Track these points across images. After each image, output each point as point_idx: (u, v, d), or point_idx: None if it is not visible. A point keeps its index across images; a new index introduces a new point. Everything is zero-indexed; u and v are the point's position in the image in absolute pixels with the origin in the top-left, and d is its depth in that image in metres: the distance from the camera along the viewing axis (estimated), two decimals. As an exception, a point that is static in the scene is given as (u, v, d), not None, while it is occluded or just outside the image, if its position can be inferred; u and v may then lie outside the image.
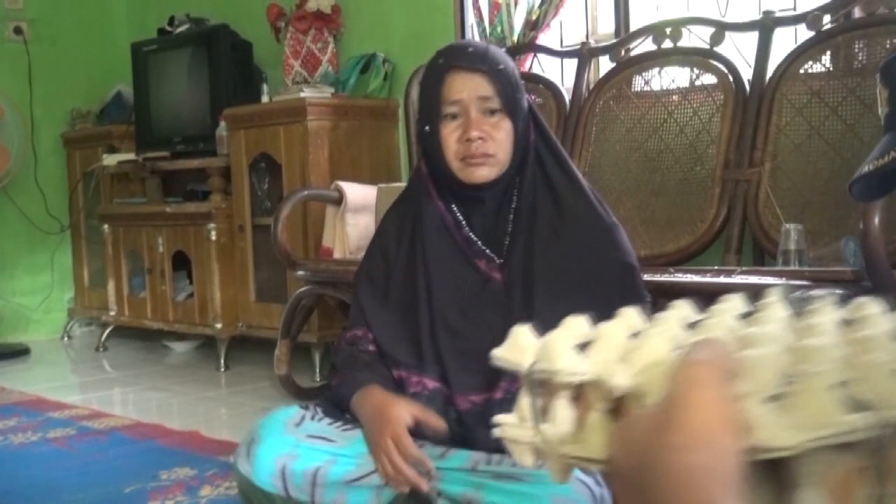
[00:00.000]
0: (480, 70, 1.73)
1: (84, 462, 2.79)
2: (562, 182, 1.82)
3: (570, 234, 1.78)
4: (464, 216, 1.83)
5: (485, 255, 1.81)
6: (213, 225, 4.30)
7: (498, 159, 1.75)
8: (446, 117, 1.75)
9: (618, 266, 1.79)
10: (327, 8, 4.28)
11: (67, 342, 5.34)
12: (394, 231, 1.90)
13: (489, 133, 1.73)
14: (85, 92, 5.45)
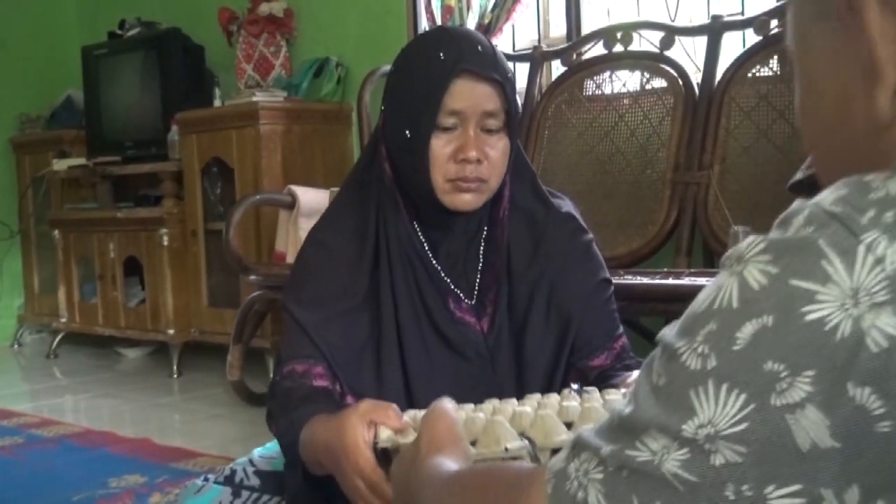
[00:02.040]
0: (492, 79, 1.44)
1: (32, 471, 2.76)
2: (537, 207, 1.60)
3: (548, 263, 1.57)
4: (427, 241, 1.56)
5: (451, 292, 1.56)
6: (165, 230, 4.28)
7: (489, 185, 1.49)
8: (440, 127, 1.45)
9: (604, 285, 1.63)
10: (280, 12, 4.27)
11: (17, 349, 5.28)
12: (343, 241, 1.57)
13: (487, 154, 1.46)
14: (34, 96, 5.39)
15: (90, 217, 4.71)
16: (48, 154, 5.05)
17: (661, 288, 2.38)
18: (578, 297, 1.57)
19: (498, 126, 1.47)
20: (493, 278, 1.57)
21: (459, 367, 1.55)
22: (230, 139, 4.02)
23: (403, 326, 1.53)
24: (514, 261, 1.58)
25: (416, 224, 1.55)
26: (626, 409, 0.62)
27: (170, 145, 4.33)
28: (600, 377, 1.53)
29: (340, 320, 1.53)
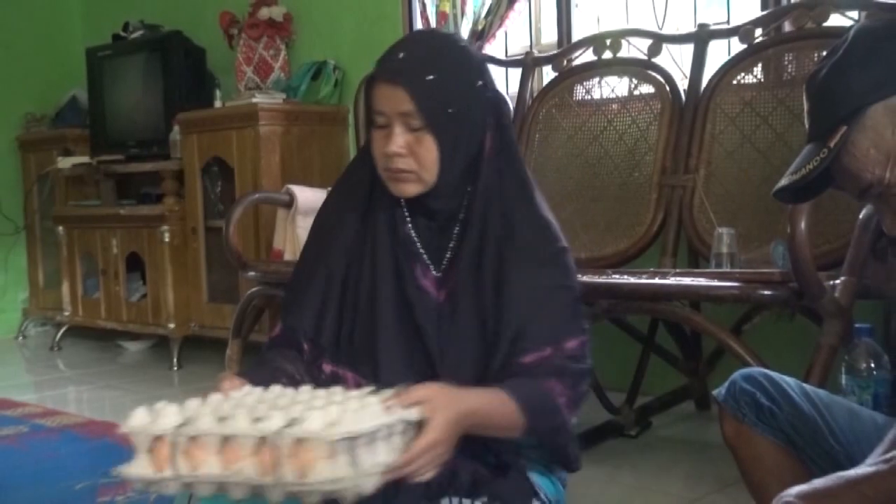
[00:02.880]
0: (400, 84, 1.53)
1: (35, 460, 2.75)
2: (516, 202, 1.64)
3: (518, 258, 1.60)
4: (409, 213, 1.66)
5: (421, 259, 1.65)
6: (166, 227, 4.27)
7: (420, 177, 1.57)
8: (376, 125, 1.58)
9: (560, 290, 1.62)
10: (279, 16, 4.27)
11: (22, 342, 5.26)
12: (338, 213, 1.73)
13: (411, 149, 1.55)
14: (40, 96, 5.37)
15: (93, 214, 4.70)
16: (53, 152, 5.04)
17: (647, 287, 2.38)
18: (529, 296, 1.58)
19: (419, 125, 1.54)
20: (460, 257, 1.63)
21: (410, 326, 1.63)
22: (230, 139, 4.01)
23: (377, 286, 1.64)
24: (486, 247, 1.62)
25: (402, 200, 1.64)
26: None
27: (171, 145, 4.33)
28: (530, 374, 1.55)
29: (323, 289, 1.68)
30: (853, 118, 1.25)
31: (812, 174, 1.28)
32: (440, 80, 1.55)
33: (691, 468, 2.53)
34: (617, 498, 2.32)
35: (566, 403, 1.54)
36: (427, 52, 1.58)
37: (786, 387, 1.55)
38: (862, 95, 1.24)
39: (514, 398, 1.46)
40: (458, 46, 1.63)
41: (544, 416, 1.51)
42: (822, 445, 1.51)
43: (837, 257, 2.28)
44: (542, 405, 1.51)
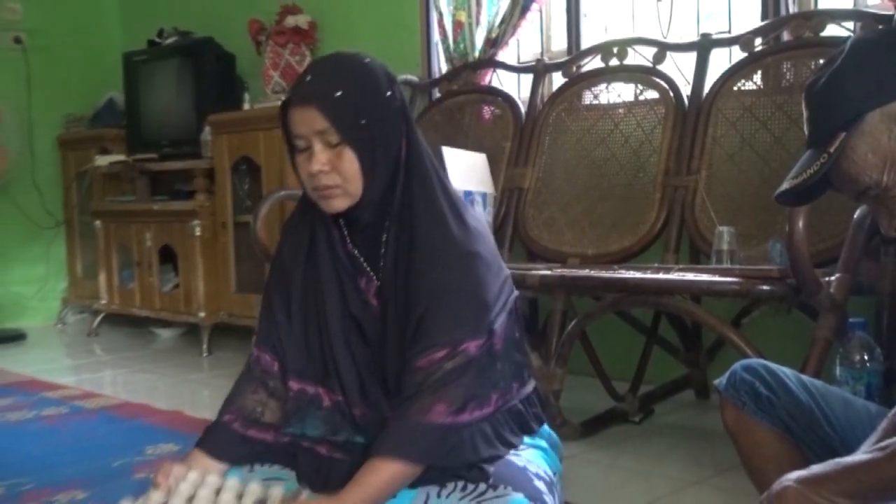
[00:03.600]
0: (312, 104, 1.53)
1: (75, 439, 2.76)
2: (425, 205, 1.61)
3: (420, 263, 1.58)
4: (347, 231, 1.67)
5: (366, 272, 1.66)
6: (197, 222, 4.28)
7: (346, 190, 1.56)
8: (298, 150, 1.58)
9: (459, 291, 1.56)
10: (304, 24, 4.27)
11: (61, 328, 5.29)
12: (289, 248, 1.74)
13: (334, 164, 1.54)
14: (79, 98, 5.39)
15: (129, 209, 4.71)
16: (91, 151, 5.05)
17: (651, 282, 2.38)
18: (428, 299, 1.56)
19: (336, 140, 1.54)
20: (392, 263, 1.63)
21: (355, 343, 1.66)
22: (258, 139, 4.01)
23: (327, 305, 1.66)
24: (401, 253, 1.62)
25: (340, 220, 1.66)
26: None
27: (202, 144, 4.33)
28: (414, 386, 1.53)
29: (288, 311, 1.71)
30: (851, 124, 1.24)
31: (812, 178, 1.27)
32: (348, 94, 1.55)
33: (691, 453, 2.52)
34: (620, 481, 2.32)
35: (451, 417, 1.50)
36: (332, 72, 1.58)
37: (784, 377, 1.54)
38: (860, 103, 1.24)
39: (396, 456, 1.47)
40: (362, 63, 1.63)
41: (434, 448, 1.49)
42: (818, 433, 1.51)
43: (832, 255, 2.28)
44: (425, 441, 1.48)
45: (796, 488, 1.17)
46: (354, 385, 1.65)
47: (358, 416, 1.64)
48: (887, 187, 1.24)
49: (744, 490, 1.74)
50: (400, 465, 1.47)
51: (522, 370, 1.71)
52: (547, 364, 2.58)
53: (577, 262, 2.98)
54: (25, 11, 5.27)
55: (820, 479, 1.17)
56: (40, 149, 5.30)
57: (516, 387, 1.66)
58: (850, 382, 1.90)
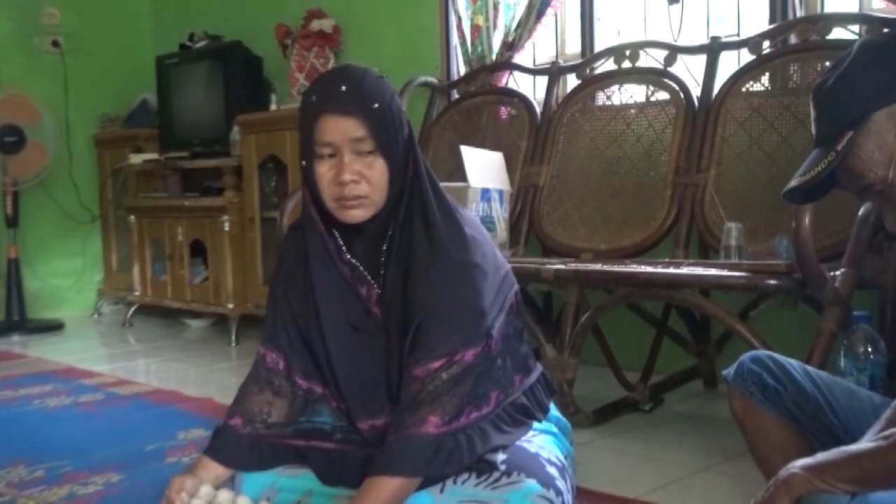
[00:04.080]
0: (350, 113, 1.49)
1: (110, 424, 2.77)
2: (420, 222, 1.58)
3: (419, 273, 1.56)
4: (344, 242, 1.62)
5: (366, 281, 1.62)
6: (226, 217, 4.29)
7: (372, 200, 1.53)
8: (321, 157, 1.53)
9: (454, 303, 1.54)
10: (328, 28, 4.27)
11: (97, 318, 5.32)
12: (290, 258, 1.69)
13: (363, 174, 1.51)
14: (114, 99, 5.41)
15: (161, 205, 4.73)
16: (126, 149, 5.08)
17: (661, 276, 2.37)
18: (426, 310, 1.53)
19: (370, 149, 1.51)
20: (395, 271, 1.60)
21: (365, 346, 1.62)
22: (284, 139, 4.02)
23: (323, 319, 1.62)
24: (401, 262, 1.59)
25: (335, 231, 1.62)
26: None
27: (231, 143, 4.35)
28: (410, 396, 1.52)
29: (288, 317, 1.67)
30: (858, 124, 1.23)
31: (820, 176, 1.26)
32: (382, 106, 1.52)
33: (699, 441, 2.51)
34: (631, 466, 2.31)
35: (446, 427, 1.48)
36: (365, 85, 1.54)
37: (790, 368, 1.54)
38: (867, 102, 1.23)
39: (394, 473, 1.45)
40: (382, 79, 1.59)
41: (429, 461, 1.47)
42: (822, 422, 1.50)
43: (838, 250, 2.26)
44: (421, 455, 1.47)
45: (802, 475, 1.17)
46: (357, 400, 1.61)
47: (364, 430, 1.61)
48: (892, 184, 1.23)
49: (750, 476, 1.73)
50: (399, 480, 1.45)
51: (526, 360, 1.69)
52: (561, 354, 2.58)
53: (591, 257, 2.97)
54: (63, 17, 5.30)
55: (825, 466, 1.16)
56: (77, 147, 5.33)
57: (518, 379, 1.65)
58: (853, 373, 1.89)
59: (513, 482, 1.50)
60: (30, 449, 2.46)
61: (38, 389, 3.26)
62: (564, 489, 1.54)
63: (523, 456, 1.56)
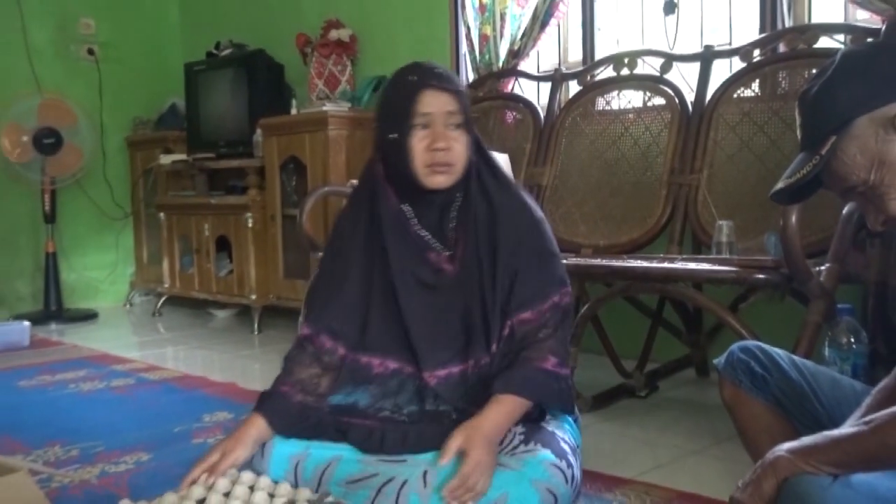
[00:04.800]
0: (449, 90, 1.63)
1: (141, 407, 2.79)
2: (494, 187, 1.72)
3: (503, 229, 1.69)
4: (414, 214, 1.72)
5: (433, 248, 1.71)
6: (249, 214, 4.30)
7: (456, 168, 1.66)
8: (415, 128, 1.62)
9: (542, 253, 1.70)
10: (346, 37, 4.27)
11: (129, 308, 5.34)
12: (349, 231, 1.76)
13: (451, 145, 1.63)
14: (145, 103, 5.42)
15: (189, 202, 4.74)
16: (156, 150, 5.09)
17: (657, 270, 2.37)
18: (516, 257, 1.67)
19: (458, 123, 1.64)
20: (462, 233, 1.70)
21: (437, 301, 1.70)
22: (304, 141, 4.03)
23: (396, 276, 1.69)
24: (479, 223, 1.70)
25: (404, 205, 1.71)
26: None
27: (255, 145, 4.35)
28: (523, 337, 1.64)
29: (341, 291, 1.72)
30: (842, 129, 1.22)
31: (805, 178, 1.26)
32: (464, 91, 1.68)
33: (692, 425, 2.51)
34: (627, 450, 2.31)
35: (559, 366, 1.63)
36: (449, 72, 1.70)
37: (777, 357, 1.53)
38: (849, 109, 1.22)
39: (520, 393, 1.58)
40: None
41: (546, 391, 1.61)
42: (807, 408, 1.50)
43: (823, 247, 2.25)
44: (542, 384, 1.61)
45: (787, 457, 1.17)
46: (429, 351, 1.67)
47: (433, 382, 1.66)
48: (874, 185, 1.23)
49: (739, 459, 1.73)
50: (521, 400, 1.58)
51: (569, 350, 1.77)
52: (562, 344, 2.58)
53: (591, 252, 2.97)
54: (98, 27, 5.31)
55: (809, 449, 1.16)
56: (111, 149, 5.35)
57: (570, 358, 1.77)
58: (837, 363, 1.88)
59: (529, 450, 1.56)
60: (65, 430, 2.48)
61: (73, 374, 3.28)
62: (575, 465, 1.57)
63: (540, 431, 1.62)
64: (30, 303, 5.04)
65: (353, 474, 1.56)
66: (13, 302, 5.03)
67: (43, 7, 5.11)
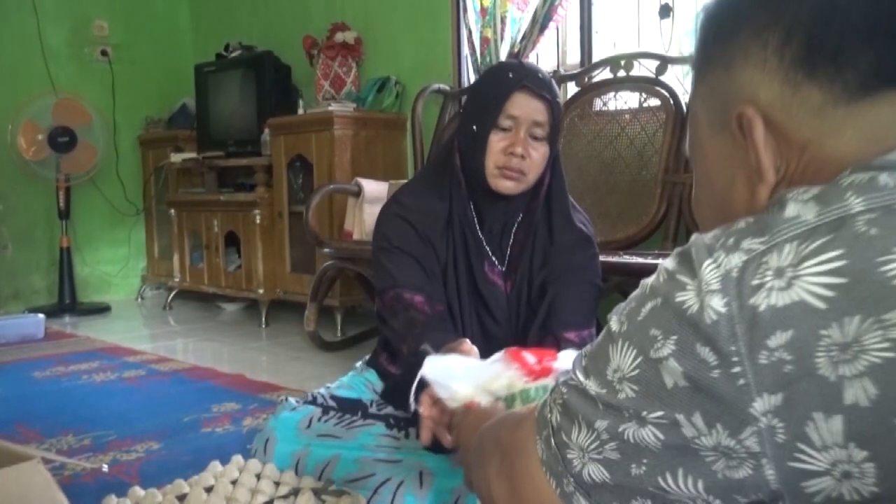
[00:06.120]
0: (544, 97, 1.52)
1: (151, 397, 2.78)
2: (559, 214, 1.64)
3: (557, 260, 1.62)
4: (477, 216, 1.64)
5: (489, 257, 1.64)
6: (257, 211, 4.29)
7: (527, 178, 1.56)
8: (499, 126, 1.53)
9: (592, 288, 1.64)
10: (351, 40, 4.26)
11: (140, 302, 5.34)
12: (423, 210, 1.63)
13: (530, 153, 1.54)
14: (157, 103, 5.42)
15: (199, 199, 4.74)
16: (167, 149, 5.08)
17: (652, 266, 2.34)
18: (567, 284, 1.59)
19: (543, 135, 1.54)
20: (519, 252, 1.62)
21: (485, 317, 1.64)
22: (310, 140, 4.02)
23: (459, 279, 1.63)
24: (538, 244, 1.62)
25: (471, 203, 1.62)
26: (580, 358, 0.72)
27: (263, 144, 4.35)
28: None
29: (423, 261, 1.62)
30: None
31: None
32: (559, 103, 1.57)
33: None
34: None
35: None
36: (551, 79, 1.57)
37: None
38: None
39: None
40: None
41: None
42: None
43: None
44: None
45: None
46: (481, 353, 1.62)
47: None
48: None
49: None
50: None
51: None
52: (560, 337, 2.57)
53: (587, 249, 2.96)
54: (112, 29, 5.31)
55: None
56: (123, 147, 5.34)
57: None
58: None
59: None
60: (78, 419, 2.47)
61: (86, 366, 3.28)
62: None
63: None
64: (45, 296, 5.05)
65: (351, 473, 1.55)
66: (29, 295, 5.03)
67: (58, 10, 5.10)
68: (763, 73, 0.67)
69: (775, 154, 0.67)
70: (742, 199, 0.71)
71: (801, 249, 0.58)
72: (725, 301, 0.59)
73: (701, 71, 0.75)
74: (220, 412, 2.54)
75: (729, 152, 0.71)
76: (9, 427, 2.38)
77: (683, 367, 0.60)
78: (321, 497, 1.48)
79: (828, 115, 0.65)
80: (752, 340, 0.58)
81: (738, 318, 0.58)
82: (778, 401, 0.57)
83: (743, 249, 0.60)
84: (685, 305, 0.61)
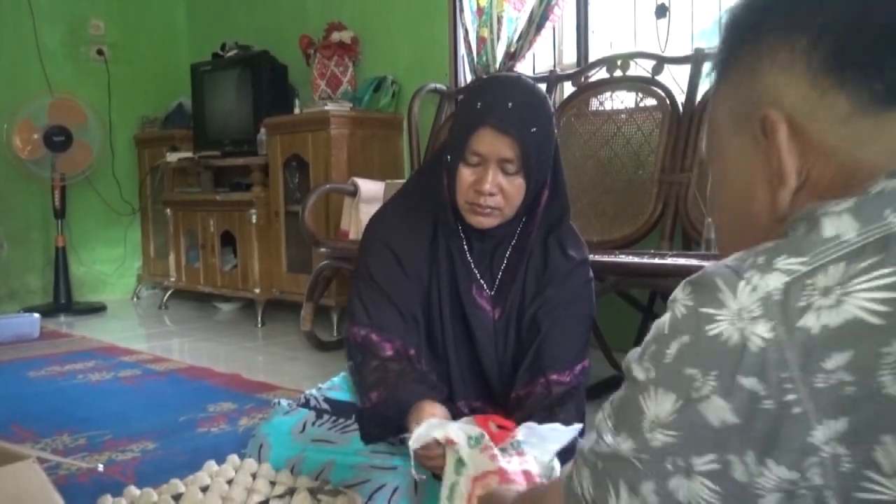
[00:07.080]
0: (509, 134, 1.42)
1: (147, 397, 2.78)
2: (554, 242, 1.58)
3: (552, 290, 1.55)
4: (466, 241, 1.58)
5: (477, 282, 1.58)
6: (253, 211, 4.29)
7: (503, 212, 1.49)
8: (466, 161, 1.47)
9: (584, 320, 1.59)
10: (348, 39, 4.26)
11: (136, 301, 5.32)
12: (407, 241, 1.58)
13: (502, 188, 1.46)
14: (153, 102, 5.41)
15: (195, 199, 4.73)
16: (163, 148, 5.07)
17: (648, 266, 2.36)
18: (558, 320, 1.54)
19: (514, 169, 1.46)
20: (510, 278, 1.57)
21: (469, 342, 1.59)
22: (306, 140, 4.01)
23: (442, 302, 1.57)
24: (530, 271, 1.57)
25: (459, 225, 1.56)
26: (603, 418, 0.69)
27: (259, 143, 4.34)
28: (557, 399, 1.50)
29: (399, 300, 1.57)
30: None
31: None
32: (540, 131, 1.45)
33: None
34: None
35: (580, 420, 1.49)
36: (530, 103, 1.46)
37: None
38: None
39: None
40: (545, 96, 1.51)
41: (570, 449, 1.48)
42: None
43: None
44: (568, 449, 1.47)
45: None
46: (461, 383, 1.60)
47: (466, 410, 1.58)
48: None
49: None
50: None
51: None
52: (556, 337, 2.57)
53: (584, 249, 2.96)
54: (108, 28, 5.30)
55: None
56: (119, 146, 5.33)
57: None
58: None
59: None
60: (74, 419, 2.47)
61: (82, 365, 3.27)
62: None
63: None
64: (40, 296, 5.03)
65: (346, 479, 1.53)
66: (24, 295, 5.02)
67: (54, 10, 5.09)
68: (790, 76, 0.65)
69: (798, 158, 0.65)
70: (761, 201, 0.68)
71: (850, 270, 0.55)
72: (771, 326, 0.56)
73: (724, 71, 0.72)
74: (216, 412, 2.53)
75: (749, 154, 0.69)
76: (4, 427, 2.37)
77: (730, 403, 0.57)
78: (317, 496, 1.48)
79: (855, 124, 0.63)
80: (806, 365, 0.54)
81: (786, 342, 0.55)
82: (842, 426, 0.54)
83: (781, 270, 0.57)
84: (722, 337, 0.57)
